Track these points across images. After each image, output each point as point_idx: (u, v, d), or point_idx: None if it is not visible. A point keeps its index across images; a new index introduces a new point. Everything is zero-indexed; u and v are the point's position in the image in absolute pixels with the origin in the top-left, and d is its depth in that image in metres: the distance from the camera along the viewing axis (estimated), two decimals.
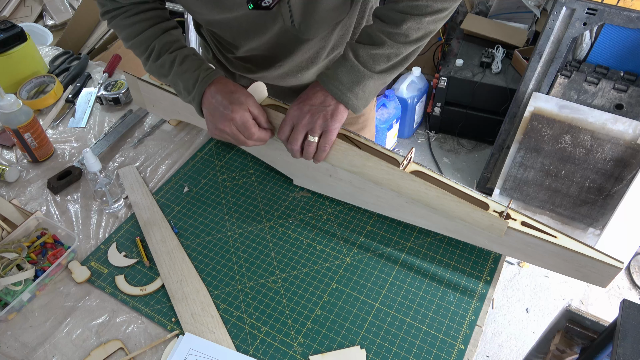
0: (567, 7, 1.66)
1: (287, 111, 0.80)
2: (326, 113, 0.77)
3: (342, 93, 0.77)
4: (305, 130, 0.78)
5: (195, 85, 0.81)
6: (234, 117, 0.78)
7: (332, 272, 0.83)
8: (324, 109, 0.77)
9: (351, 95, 0.78)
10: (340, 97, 0.77)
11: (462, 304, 0.79)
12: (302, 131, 0.78)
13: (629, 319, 0.95)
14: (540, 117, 1.85)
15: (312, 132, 0.78)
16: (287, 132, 0.80)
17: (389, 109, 2.30)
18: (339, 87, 0.77)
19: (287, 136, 0.80)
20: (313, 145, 0.79)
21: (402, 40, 0.76)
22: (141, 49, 0.86)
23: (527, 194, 2.05)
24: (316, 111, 0.77)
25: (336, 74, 0.78)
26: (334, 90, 0.77)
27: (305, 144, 0.79)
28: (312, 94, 0.79)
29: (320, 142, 0.79)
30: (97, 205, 0.95)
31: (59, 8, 2.08)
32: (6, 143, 1.10)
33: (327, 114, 0.77)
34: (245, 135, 0.81)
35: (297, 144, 0.80)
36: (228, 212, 0.93)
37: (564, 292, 1.94)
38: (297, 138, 0.79)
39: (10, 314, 0.78)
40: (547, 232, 0.75)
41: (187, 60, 0.83)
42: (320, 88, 0.79)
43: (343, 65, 0.78)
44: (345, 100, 0.78)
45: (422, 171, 0.83)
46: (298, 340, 0.75)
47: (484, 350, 1.78)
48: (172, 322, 0.77)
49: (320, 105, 0.78)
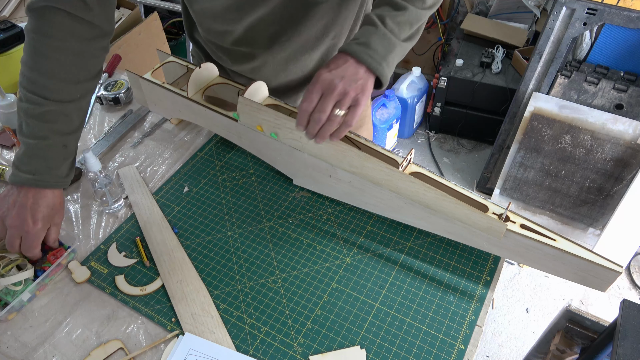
0: (567, 7, 1.66)
1: (316, 77, 0.73)
2: (358, 86, 0.72)
3: (377, 63, 0.73)
4: (336, 100, 0.72)
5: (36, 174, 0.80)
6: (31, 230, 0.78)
7: (332, 272, 0.83)
8: (355, 81, 0.72)
9: (385, 65, 0.74)
10: (376, 67, 0.73)
11: (462, 304, 0.79)
12: (333, 101, 0.72)
13: (629, 319, 0.95)
14: (540, 117, 1.85)
15: (342, 105, 0.72)
16: (315, 100, 0.72)
17: (389, 109, 2.30)
18: (374, 56, 0.72)
19: (315, 104, 0.72)
20: (338, 119, 0.73)
21: (420, 5, 0.75)
22: None
23: (527, 194, 2.05)
24: (349, 82, 0.71)
25: (370, 43, 0.73)
26: (369, 60, 0.72)
27: (332, 116, 0.73)
28: (343, 63, 0.73)
29: (348, 117, 0.73)
30: (97, 205, 0.95)
31: None
32: (6, 143, 1.10)
33: (358, 87, 0.72)
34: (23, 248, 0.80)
35: (326, 114, 0.72)
36: (228, 212, 0.93)
37: (564, 292, 1.94)
38: (326, 108, 0.72)
39: (10, 314, 0.78)
40: (547, 235, 0.75)
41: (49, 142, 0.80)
42: (351, 59, 0.73)
43: (375, 33, 0.73)
44: (380, 70, 0.73)
45: (421, 172, 0.83)
46: (298, 340, 0.75)
47: (484, 350, 1.78)
48: (172, 322, 0.77)
49: (353, 76, 0.72)
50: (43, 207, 0.80)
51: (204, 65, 0.92)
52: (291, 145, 0.89)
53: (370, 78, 0.74)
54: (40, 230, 0.80)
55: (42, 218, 0.80)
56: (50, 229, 0.82)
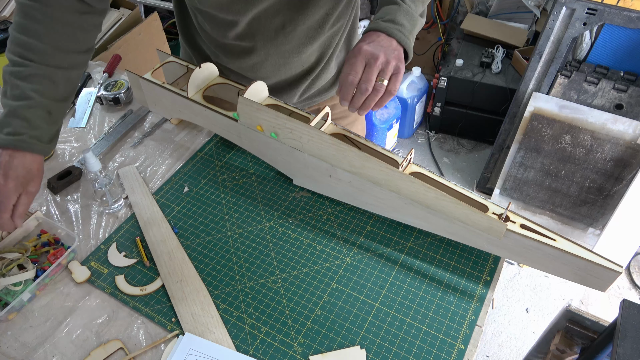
0: (567, 7, 1.66)
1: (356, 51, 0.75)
2: (396, 55, 0.75)
3: (405, 36, 0.76)
4: (380, 69, 0.74)
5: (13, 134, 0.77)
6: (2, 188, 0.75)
7: (332, 272, 0.83)
8: (392, 51, 0.75)
9: (412, 39, 0.78)
10: (404, 40, 0.76)
11: (462, 304, 0.79)
12: (377, 70, 0.73)
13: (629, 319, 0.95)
14: (540, 117, 1.85)
15: (385, 74, 0.74)
16: (360, 70, 0.73)
17: (389, 109, 2.30)
18: (403, 31, 0.76)
19: (360, 74, 0.74)
20: (383, 88, 0.74)
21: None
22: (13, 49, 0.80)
23: (527, 194, 2.05)
24: (388, 52, 0.74)
25: (397, 19, 0.77)
26: (399, 35, 0.76)
27: (377, 85, 0.74)
28: (376, 37, 0.75)
29: (390, 85, 0.75)
30: (97, 205, 0.95)
31: None
32: None
33: (397, 56, 0.75)
34: None
35: (372, 84, 0.73)
36: (228, 212, 0.93)
37: (564, 292, 1.94)
38: (372, 78, 0.73)
39: (10, 314, 0.78)
40: (547, 235, 0.75)
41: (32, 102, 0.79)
42: (381, 34, 0.76)
43: (399, 10, 0.77)
44: (407, 43, 0.77)
45: (421, 172, 0.83)
46: (298, 340, 0.75)
47: (484, 350, 1.78)
48: (172, 322, 0.77)
49: (389, 47, 0.75)
50: (19, 167, 0.78)
51: (204, 65, 0.92)
52: (291, 145, 0.89)
53: (401, 49, 0.77)
54: (10, 191, 0.77)
55: (15, 178, 0.77)
56: (21, 196, 0.79)
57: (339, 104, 1.13)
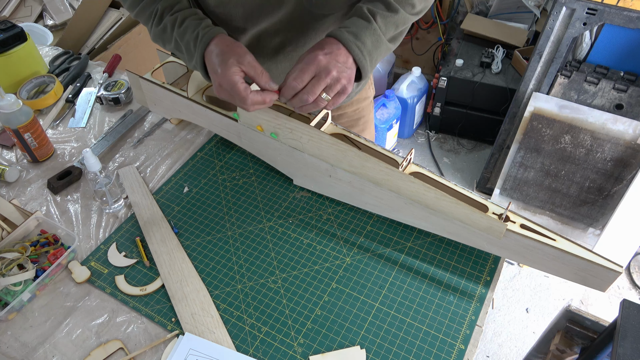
0: (567, 7, 1.66)
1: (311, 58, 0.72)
2: (347, 75, 0.73)
3: (362, 56, 0.74)
4: (328, 83, 0.72)
5: (196, 47, 0.76)
6: (222, 81, 0.72)
7: (332, 272, 0.83)
8: (345, 70, 0.72)
9: (369, 60, 0.75)
10: (360, 59, 0.74)
11: (462, 304, 0.79)
12: (324, 85, 0.71)
13: (629, 319, 0.95)
14: (540, 117, 1.85)
15: (331, 90, 0.72)
16: (306, 80, 0.71)
17: (389, 109, 2.30)
18: (362, 48, 0.73)
19: (305, 83, 0.72)
20: (324, 103, 0.73)
21: (409, 10, 0.77)
22: (145, 16, 0.82)
23: (527, 194, 2.05)
24: (341, 69, 0.72)
25: (360, 35, 0.73)
26: (356, 51, 0.73)
27: (319, 99, 0.72)
28: (336, 50, 0.73)
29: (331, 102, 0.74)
30: (97, 205, 0.95)
31: (59, 8, 2.08)
32: (6, 143, 1.10)
33: (347, 77, 0.73)
34: (238, 100, 0.73)
35: (314, 97, 0.72)
36: (228, 212, 0.93)
37: (564, 292, 1.95)
38: (316, 91, 0.71)
39: (10, 314, 0.78)
40: (547, 235, 0.75)
41: (186, 20, 0.77)
42: (341, 47, 0.73)
43: (366, 28, 0.74)
44: (363, 63, 0.74)
45: (421, 172, 0.83)
46: (298, 340, 0.75)
47: (484, 350, 1.78)
48: (172, 322, 0.77)
49: (344, 64, 0.72)
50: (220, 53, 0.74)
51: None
52: (291, 145, 0.89)
53: (354, 69, 0.74)
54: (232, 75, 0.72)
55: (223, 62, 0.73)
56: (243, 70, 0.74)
57: (347, 113, 1.13)
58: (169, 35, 0.80)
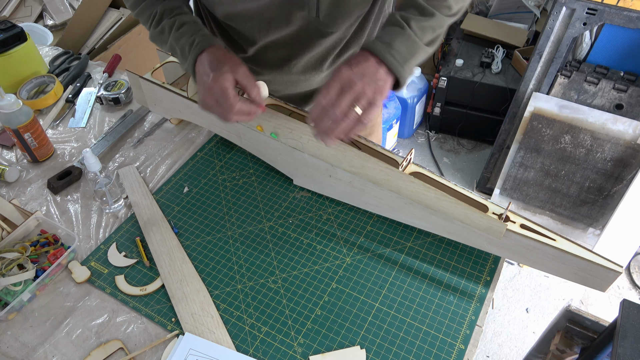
0: (567, 7, 1.66)
1: (336, 73, 0.71)
2: (377, 87, 0.70)
3: (399, 64, 0.71)
4: (353, 97, 0.69)
5: (190, 50, 0.77)
6: (213, 85, 0.72)
7: (332, 272, 0.83)
8: (375, 82, 0.70)
9: (406, 67, 0.73)
10: (397, 68, 0.71)
11: (462, 304, 0.79)
12: (350, 98, 0.69)
13: (629, 319, 0.96)
14: (540, 117, 1.85)
15: (359, 102, 0.69)
16: (333, 95, 0.70)
17: (389, 109, 2.30)
18: (396, 57, 0.71)
19: (333, 99, 0.70)
20: (354, 116, 0.70)
21: (446, 12, 0.75)
22: (145, 16, 0.84)
23: (527, 194, 2.05)
24: (368, 81, 0.70)
25: (394, 43, 0.71)
26: (391, 60, 0.71)
27: (349, 113, 0.70)
28: (364, 61, 0.71)
29: (362, 116, 0.70)
30: (97, 205, 0.95)
31: (59, 8, 2.08)
32: (6, 143, 1.10)
33: (378, 88, 0.70)
34: (224, 107, 0.73)
35: (341, 111, 0.69)
36: (228, 212, 0.93)
37: (564, 292, 1.95)
38: (343, 104, 0.69)
39: (10, 314, 0.78)
40: (547, 235, 0.75)
41: (184, 25, 0.80)
42: (372, 57, 0.71)
43: (400, 34, 0.72)
44: (400, 72, 0.72)
45: (421, 172, 0.83)
46: (298, 340, 0.75)
47: (484, 350, 1.78)
48: (172, 322, 0.77)
49: (373, 75, 0.70)
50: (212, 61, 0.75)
51: None
52: (291, 145, 0.89)
53: (389, 79, 0.72)
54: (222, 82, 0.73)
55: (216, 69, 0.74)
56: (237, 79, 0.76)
57: None
58: (166, 37, 0.82)
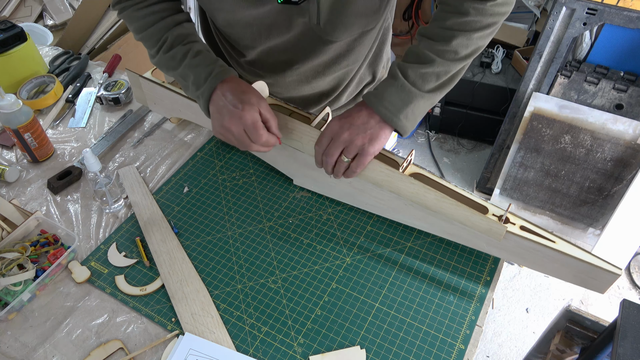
0: (567, 7, 1.66)
1: (327, 125, 0.79)
2: (365, 136, 0.75)
3: (391, 114, 0.75)
4: (343, 146, 0.76)
5: (207, 79, 0.78)
6: (244, 115, 0.75)
7: (332, 272, 0.83)
8: (364, 131, 0.75)
9: (402, 117, 0.75)
10: (390, 118, 0.75)
11: (462, 304, 0.79)
12: (339, 147, 0.76)
13: (629, 319, 0.96)
14: (540, 117, 1.85)
15: (347, 152, 0.76)
16: (325, 145, 0.78)
17: None
18: (388, 107, 0.75)
19: (324, 148, 0.78)
20: (344, 165, 0.77)
21: (451, 57, 0.74)
22: (152, 41, 0.84)
23: (527, 194, 2.05)
24: (356, 131, 0.75)
25: (384, 94, 0.75)
26: (383, 111, 0.75)
27: (338, 161, 0.77)
28: (356, 113, 0.77)
29: (352, 163, 0.77)
30: (97, 205, 0.95)
31: (59, 8, 2.08)
32: (6, 143, 1.10)
33: (366, 137, 0.75)
34: (252, 137, 0.77)
35: (333, 159, 0.77)
36: (228, 212, 0.93)
37: (564, 292, 1.95)
38: (333, 153, 0.76)
39: (10, 314, 0.78)
40: (546, 237, 0.75)
41: (200, 54, 0.81)
42: (365, 108, 0.76)
43: (392, 85, 0.75)
44: (395, 121, 0.75)
45: (421, 173, 0.83)
46: (298, 340, 0.75)
47: (484, 350, 1.78)
48: (172, 322, 0.77)
49: (362, 125, 0.75)
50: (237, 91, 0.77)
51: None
52: (291, 145, 0.89)
53: (384, 128, 0.76)
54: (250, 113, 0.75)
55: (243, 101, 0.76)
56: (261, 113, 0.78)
57: None
58: (177, 64, 0.82)
